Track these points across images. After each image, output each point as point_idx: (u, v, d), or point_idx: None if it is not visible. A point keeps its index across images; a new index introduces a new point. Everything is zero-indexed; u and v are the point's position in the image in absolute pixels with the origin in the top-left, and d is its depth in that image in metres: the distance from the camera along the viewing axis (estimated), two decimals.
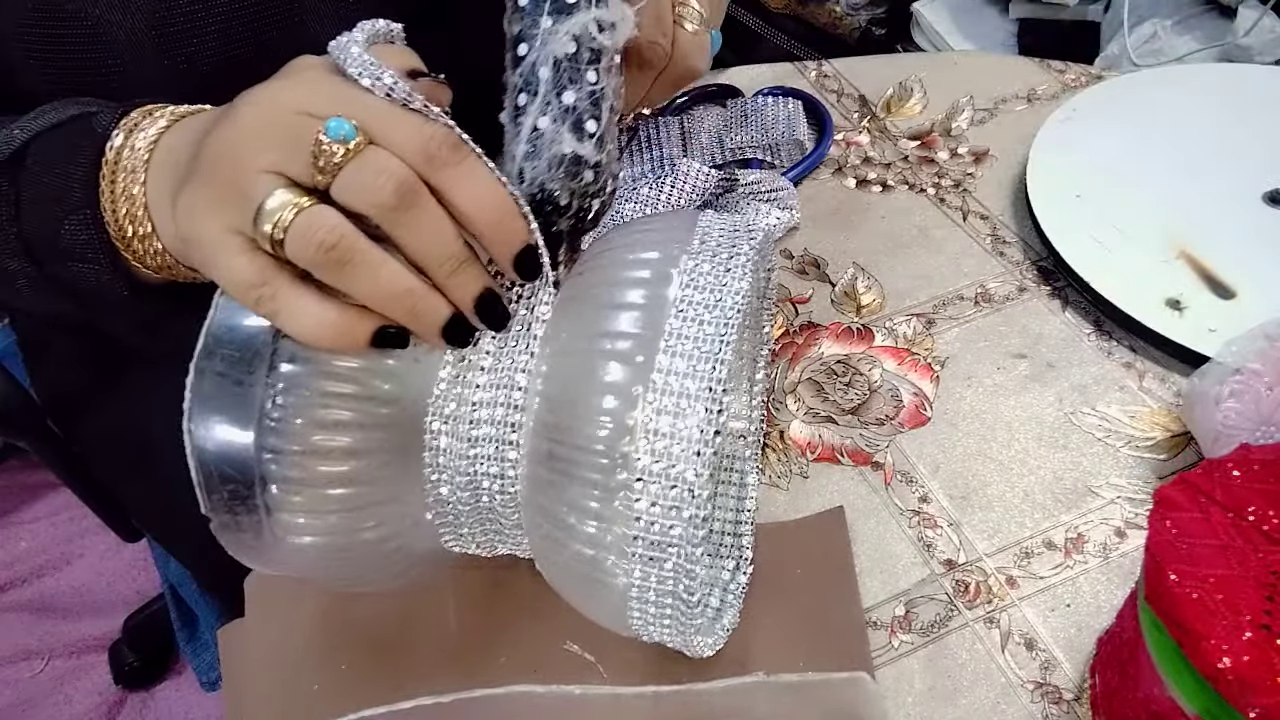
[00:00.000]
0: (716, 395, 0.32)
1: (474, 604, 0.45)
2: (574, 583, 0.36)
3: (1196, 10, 1.15)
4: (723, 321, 0.32)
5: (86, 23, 0.44)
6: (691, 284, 0.33)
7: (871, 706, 0.41)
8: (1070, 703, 0.41)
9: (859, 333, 0.57)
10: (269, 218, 0.31)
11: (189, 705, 1.17)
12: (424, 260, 0.33)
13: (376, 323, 0.33)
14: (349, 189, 0.31)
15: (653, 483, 0.31)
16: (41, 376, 0.69)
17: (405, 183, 0.31)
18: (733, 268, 0.34)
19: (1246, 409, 0.45)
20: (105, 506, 0.80)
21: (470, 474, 0.36)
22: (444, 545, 0.39)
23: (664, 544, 0.32)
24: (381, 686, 0.43)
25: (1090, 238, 0.58)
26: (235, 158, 0.32)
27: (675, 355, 0.32)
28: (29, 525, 1.37)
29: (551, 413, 0.34)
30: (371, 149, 0.31)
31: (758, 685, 0.41)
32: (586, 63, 0.34)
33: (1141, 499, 0.48)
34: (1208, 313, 0.54)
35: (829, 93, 0.73)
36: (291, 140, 0.31)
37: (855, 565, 0.46)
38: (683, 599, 0.33)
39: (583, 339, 0.34)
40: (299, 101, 0.32)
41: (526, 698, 0.42)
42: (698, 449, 0.31)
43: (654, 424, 0.31)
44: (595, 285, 0.35)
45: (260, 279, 0.32)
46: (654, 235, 0.36)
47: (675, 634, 0.36)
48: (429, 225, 0.32)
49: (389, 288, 0.32)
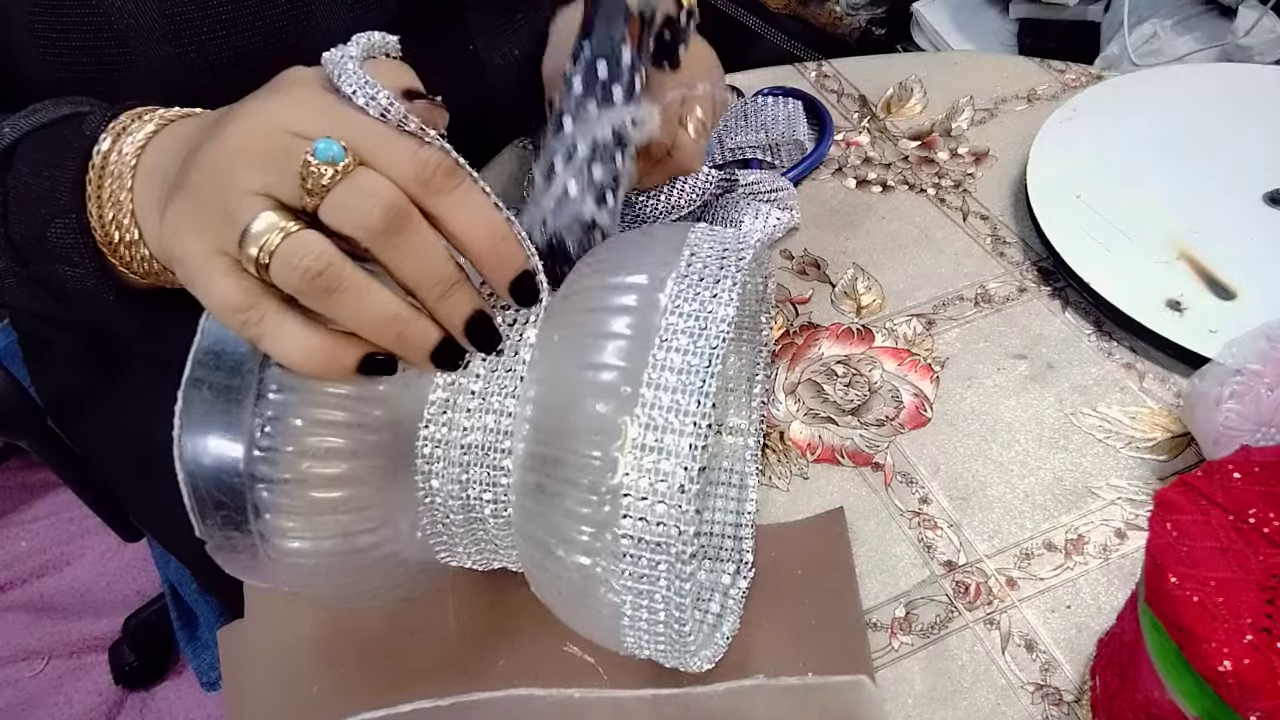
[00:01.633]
0: (700, 429, 0.31)
1: (473, 608, 0.45)
2: (567, 607, 0.36)
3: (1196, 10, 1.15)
4: (707, 352, 0.32)
5: (96, 10, 0.44)
6: (677, 311, 0.33)
7: (872, 709, 0.41)
8: (1070, 704, 0.41)
9: (859, 333, 0.56)
10: (255, 241, 0.30)
11: (189, 705, 1.17)
12: (413, 284, 0.32)
13: (364, 349, 0.32)
14: (336, 212, 0.31)
15: (639, 518, 0.31)
16: (41, 376, 0.69)
17: (394, 206, 0.31)
18: (719, 292, 0.34)
19: (1247, 410, 0.45)
20: (105, 506, 0.80)
21: (463, 498, 0.36)
22: (440, 561, 0.39)
23: (652, 578, 0.32)
24: (380, 689, 0.43)
25: (1090, 238, 0.58)
26: (222, 177, 0.32)
27: (659, 389, 0.32)
28: (29, 525, 1.37)
29: (540, 444, 0.34)
30: (361, 171, 0.31)
31: (758, 688, 0.41)
32: (616, 147, 0.41)
33: (1142, 500, 0.48)
34: (1208, 314, 0.54)
35: (829, 93, 0.73)
36: (280, 161, 0.31)
37: (856, 566, 0.46)
38: (674, 629, 0.33)
39: (570, 367, 0.33)
40: (289, 120, 0.32)
41: (526, 701, 0.42)
42: (681, 484, 0.31)
43: (639, 461, 0.31)
44: (582, 311, 0.35)
45: (246, 303, 0.31)
46: (642, 256, 0.36)
47: (671, 657, 0.36)
48: (418, 249, 0.32)
49: (375, 314, 0.32)
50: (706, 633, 0.42)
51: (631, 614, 0.33)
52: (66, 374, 0.65)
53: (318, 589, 0.37)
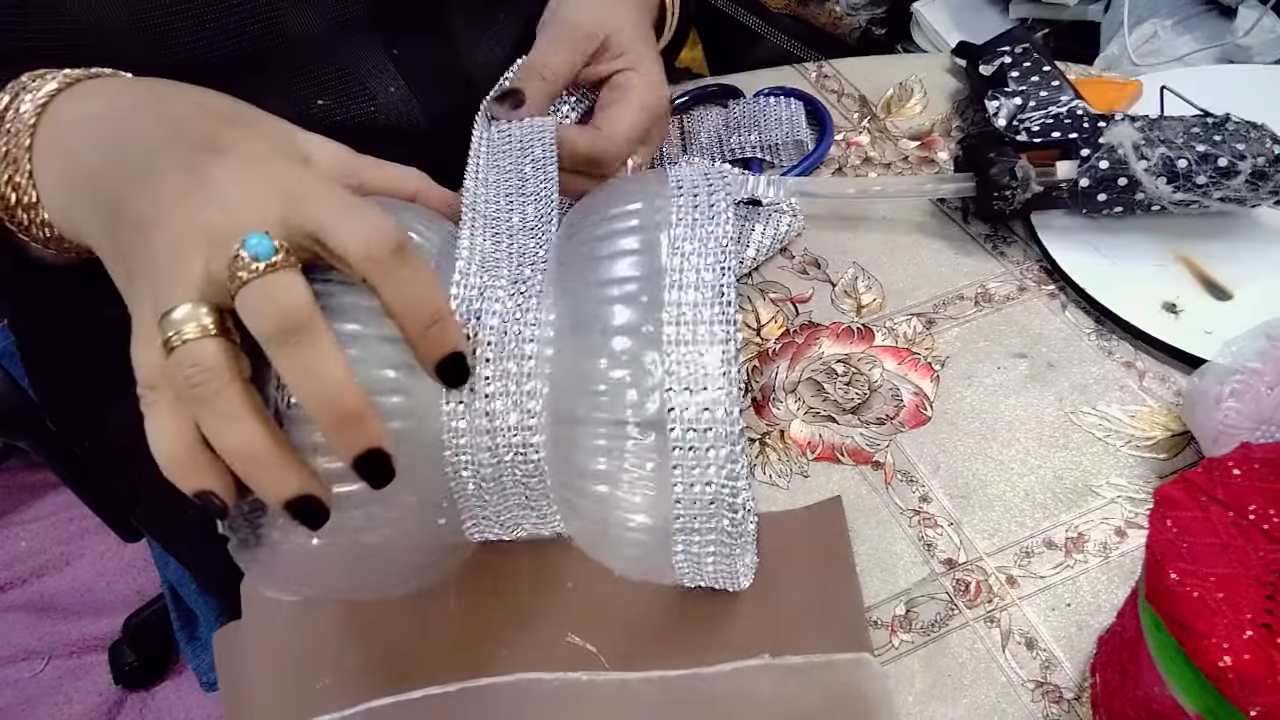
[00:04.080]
0: (729, 317, 0.33)
1: (474, 601, 0.45)
2: (611, 539, 0.37)
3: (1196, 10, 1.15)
4: (718, 250, 0.34)
5: (63, 14, 0.44)
6: (681, 222, 0.35)
7: (875, 685, 0.41)
8: (1071, 702, 0.41)
9: (859, 332, 0.57)
10: (169, 327, 0.30)
11: (189, 705, 1.17)
12: (300, 401, 0.31)
13: (221, 480, 0.32)
14: (242, 310, 0.30)
15: (683, 409, 0.33)
16: (41, 376, 0.69)
17: (289, 319, 0.30)
18: (715, 214, 0.36)
19: (1247, 408, 0.45)
20: (105, 506, 0.80)
21: (492, 447, 0.36)
22: (465, 533, 0.39)
23: (703, 465, 0.33)
24: (388, 679, 0.43)
25: (1087, 242, 0.58)
26: (163, 245, 0.31)
27: (681, 289, 0.33)
28: (29, 525, 1.37)
29: (567, 376, 0.34)
30: (277, 275, 0.30)
31: (763, 668, 0.42)
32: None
33: (1142, 498, 0.48)
34: (1204, 315, 0.54)
35: (829, 93, 0.73)
36: (219, 245, 0.31)
37: (855, 562, 0.46)
38: (726, 504, 0.34)
39: (588, 288, 0.35)
40: (239, 198, 0.31)
41: (534, 685, 0.42)
42: (723, 370, 0.33)
43: (673, 354, 0.33)
44: (587, 243, 0.36)
45: (151, 382, 0.31)
46: (633, 186, 0.38)
47: (721, 559, 0.36)
48: (304, 368, 0.31)
49: (232, 446, 0.31)
50: (747, 542, 0.43)
51: (685, 511, 0.34)
52: (65, 374, 0.65)
53: (338, 583, 0.37)
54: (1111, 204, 0.56)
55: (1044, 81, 0.61)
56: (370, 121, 0.56)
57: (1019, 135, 0.58)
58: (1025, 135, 0.57)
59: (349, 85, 0.55)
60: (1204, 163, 0.53)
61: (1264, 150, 0.53)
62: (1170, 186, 0.54)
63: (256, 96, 0.41)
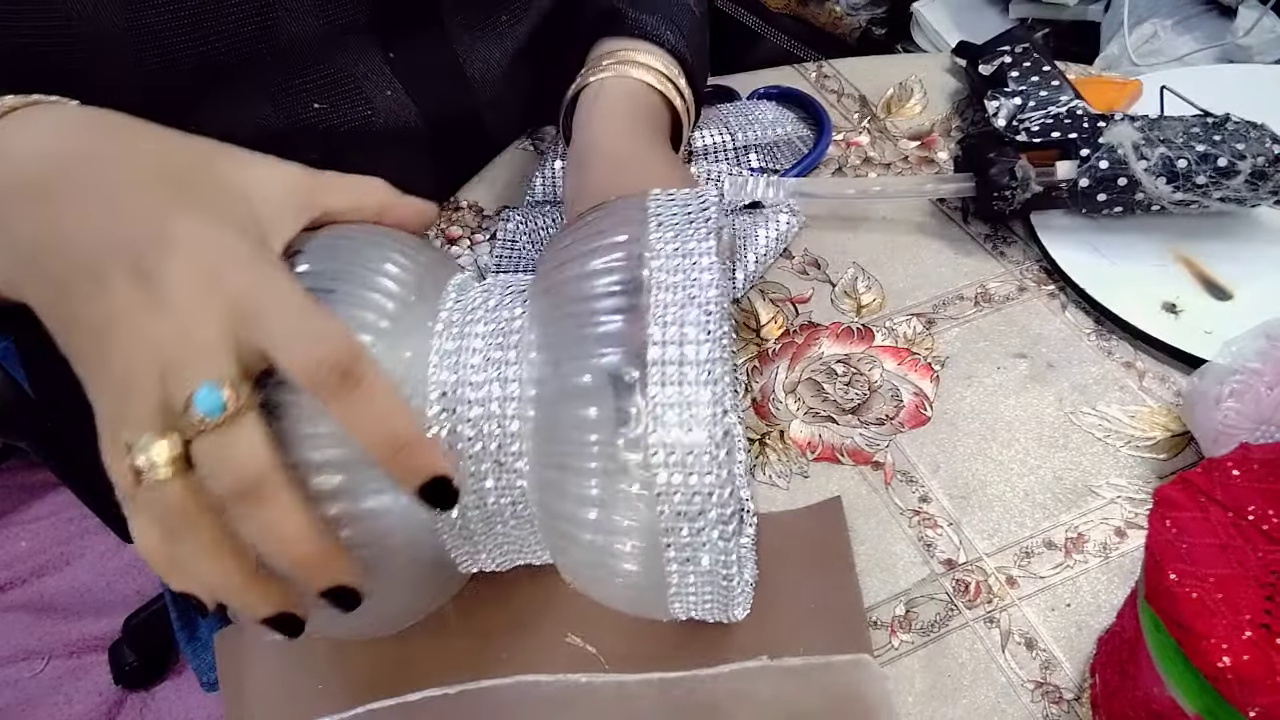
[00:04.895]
0: (715, 363, 0.32)
1: (472, 605, 0.45)
2: (603, 581, 0.36)
3: (1196, 10, 1.16)
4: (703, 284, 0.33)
5: (60, 16, 0.44)
6: (662, 258, 0.34)
7: (874, 686, 0.41)
8: (1070, 702, 0.41)
9: (859, 332, 0.57)
10: (133, 454, 0.30)
11: (189, 705, 1.18)
12: (260, 553, 0.31)
13: (202, 586, 0.32)
14: (199, 464, 0.30)
15: (670, 453, 0.32)
16: (41, 377, 0.69)
17: (242, 480, 0.30)
18: (699, 256, 0.34)
19: (1246, 409, 0.45)
20: (105, 506, 0.80)
21: (478, 491, 0.36)
22: (457, 565, 0.39)
23: (690, 513, 0.32)
24: (387, 681, 0.43)
25: (1086, 242, 0.58)
26: (117, 362, 0.31)
27: (665, 325, 0.32)
28: (29, 525, 1.37)
29: (549, 419, 0.34)
30: (230, 429, 0.30)
31: (761, 669, 0.42)
32: None
33: (1142, 499, 0.48)
34: (1203, 315, 0.54)
35: (829, 93, 0.73)
36: (173, 365, 0.30)
37: (855, 563, 0.46)
38: (720, 581, 0.34)
39: (570, 346, 0.33)
40: (188, 301, 0.30)
41: (534, 687, 0.42)
42: (711, 412, 0.32)
43: (659, 396, 0.32)
44: (568, 280, 0.35)
45: (127, 494, 0.31)
46: (612, 218, 0.36)
47: (718, 608, 0.36)
48: (263, 529, 0.31)
49: (206, 580, 0.32)
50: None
51: (679, 577, 0.33)
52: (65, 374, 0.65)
53: (325, 631, 0.37)
54: (1111, 204, 0.56)
55: (1044, 81, 0.61)
56: (366, 125, 0.56)
57: (1019, 135, 0.58)
58: (1025, 135, 0.57)
59: (345, 89, 0.55)
60: (1204, 162, 0.53)
61: (1264, 150, 0.53)
62: (1170, 186, 0.54)
63: (252, 99, 0.41)
